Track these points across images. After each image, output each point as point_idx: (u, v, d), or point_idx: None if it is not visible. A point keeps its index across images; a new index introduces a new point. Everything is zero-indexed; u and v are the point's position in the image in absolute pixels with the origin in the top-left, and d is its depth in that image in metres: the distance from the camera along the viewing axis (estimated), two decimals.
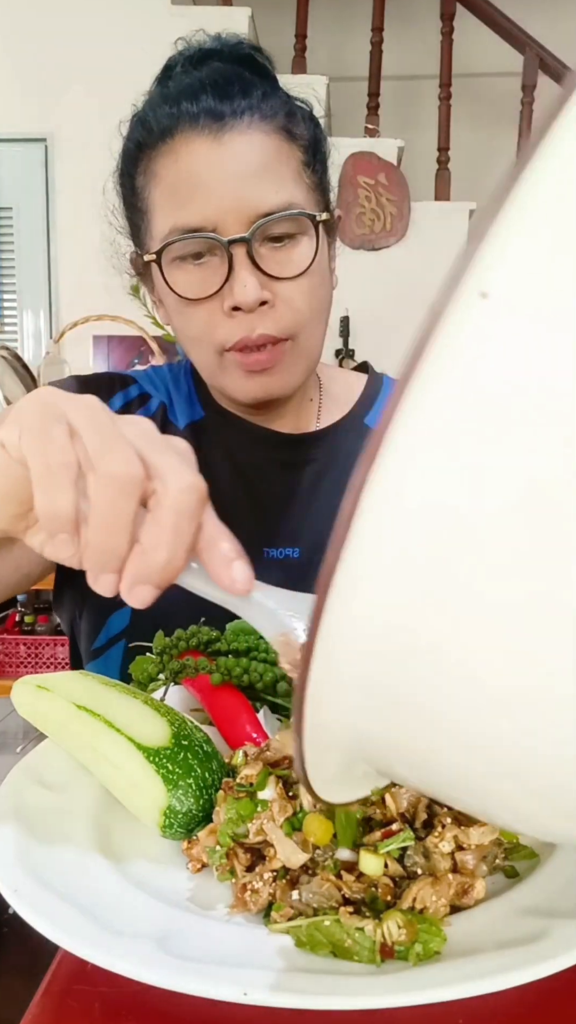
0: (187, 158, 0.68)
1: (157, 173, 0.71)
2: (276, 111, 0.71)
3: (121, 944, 0.37)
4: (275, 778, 0.45)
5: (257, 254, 0.68)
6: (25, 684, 0.55)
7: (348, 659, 0.25)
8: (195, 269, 0.70)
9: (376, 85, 3.25)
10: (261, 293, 0.68)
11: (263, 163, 0.69)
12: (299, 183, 0.71)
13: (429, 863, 0.41)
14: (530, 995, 0.35)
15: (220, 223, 0.68)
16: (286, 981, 0.35)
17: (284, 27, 3.20)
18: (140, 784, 0.48)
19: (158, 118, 0.70)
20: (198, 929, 0.40)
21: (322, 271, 0.74)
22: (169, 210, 0.70)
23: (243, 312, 0.69)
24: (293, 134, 0.72)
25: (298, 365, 0.74)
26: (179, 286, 0.70)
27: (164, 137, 0.70)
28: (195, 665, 0.60)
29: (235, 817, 0.44)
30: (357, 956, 0.37)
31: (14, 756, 1.79)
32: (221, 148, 0.68)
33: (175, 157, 0.69)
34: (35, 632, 2.17)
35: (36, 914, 0.38)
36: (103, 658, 0.80)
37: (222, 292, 0.69)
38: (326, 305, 0.76)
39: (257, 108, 0.69)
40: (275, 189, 0.69)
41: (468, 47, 3.33)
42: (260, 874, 0.42)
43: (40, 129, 3.09)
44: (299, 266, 0.70)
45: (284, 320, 0.70)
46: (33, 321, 3.21)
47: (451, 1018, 0.36)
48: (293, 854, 0.41)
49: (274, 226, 0.69)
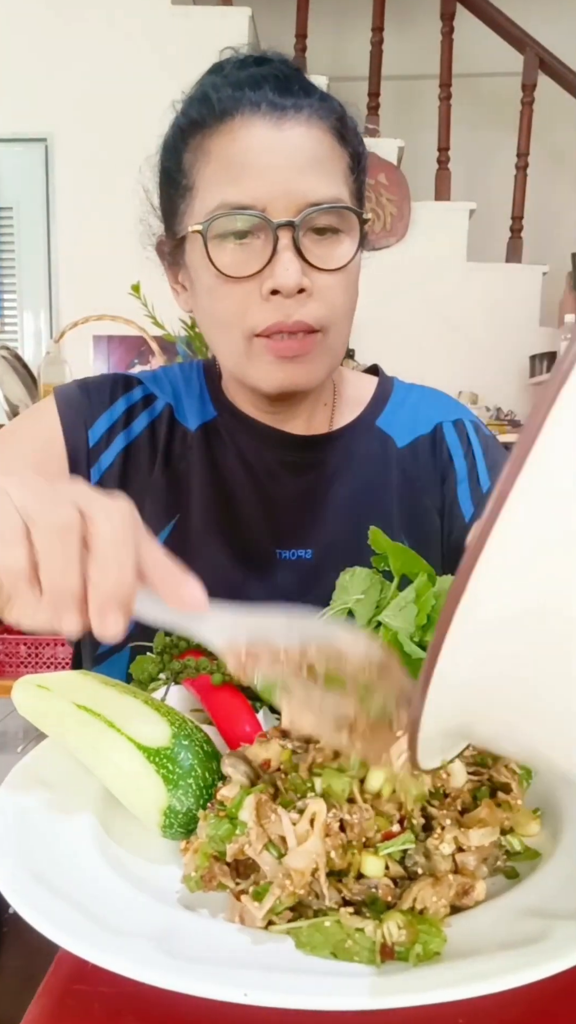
0: (245, 139, 0.69)
1: (210, 151, 0.71)
2: (332, 113, 0.73)
3: (121, 944, 0.37)
4: (254, 797, 0.44)
5: (301, 243, 0.69)
6: (26, 684, 0.55)
7: (471, 657, 0.28)
8: (237, 248, 0.70)
9: (376, 85, 3.24)
10: (301, 279, 0.69)
11: (317, 155, 0.70)
12: (346, 183, 0.73)
13: (430, 863, 0.41)
14: (530, 995, 0.35)
15: (270, 205, 0.68)
16: (286, 981, 0.35)
17: (284, 27, 3.20)
18: (140, 784, 0.48)
19: (220, 99, 0.71)
20: (198, 929, 0.40)
21: (357, 273, 0.76)
22: (220, 186, 0.70)
23: (280, 297, 0.69)
24: (344, 138, 0.74)
25: (324, 359, 0.75)
26: (220, 263, 0.70)
27: (223, 117, 0.70)
28: (196, 665, 0.60)
29: (215, 836, 0.43)
30: (357, 957, 0.37)
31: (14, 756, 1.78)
32: (280, 134, 0.69)
33: (232, 137, 0.70)
34: (35, 632, 2.17)
35: (36, 914, 0.38)
36: (108, 663, 0.80)
37: (262, 274, 0.69)
38: (354, 308, 0.77)
39: (316, 107, 0.71)
40: (326, 182, 0.70)
41: (468, 47, 3.33)
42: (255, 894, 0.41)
43: (40, 129, 3.09)
44: (340, 260, 0.71)
45: (320, 311, 0.71)
46: (33, 321, 3.21)
47: (451, 1018, 0.36)
48: (279, 871, 0.41)
49: (321, 218, 0.70)
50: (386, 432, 0.86)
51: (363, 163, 0.77)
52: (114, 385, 0.84)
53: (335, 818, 0.42)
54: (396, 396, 0.89)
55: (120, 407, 0.83)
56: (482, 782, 0.47)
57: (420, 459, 0.85)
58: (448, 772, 0.45)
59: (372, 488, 0.83)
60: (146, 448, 0.82)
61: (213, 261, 0.70)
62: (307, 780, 0.45)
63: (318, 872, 0.40)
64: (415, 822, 0.43)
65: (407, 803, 0.43)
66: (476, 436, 0.87)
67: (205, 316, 0.76)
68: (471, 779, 0.47)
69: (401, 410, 0.88)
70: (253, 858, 0.42)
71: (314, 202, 0.69)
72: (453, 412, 0.89)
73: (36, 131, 3.09)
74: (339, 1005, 0.34)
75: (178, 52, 2.87)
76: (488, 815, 0.44)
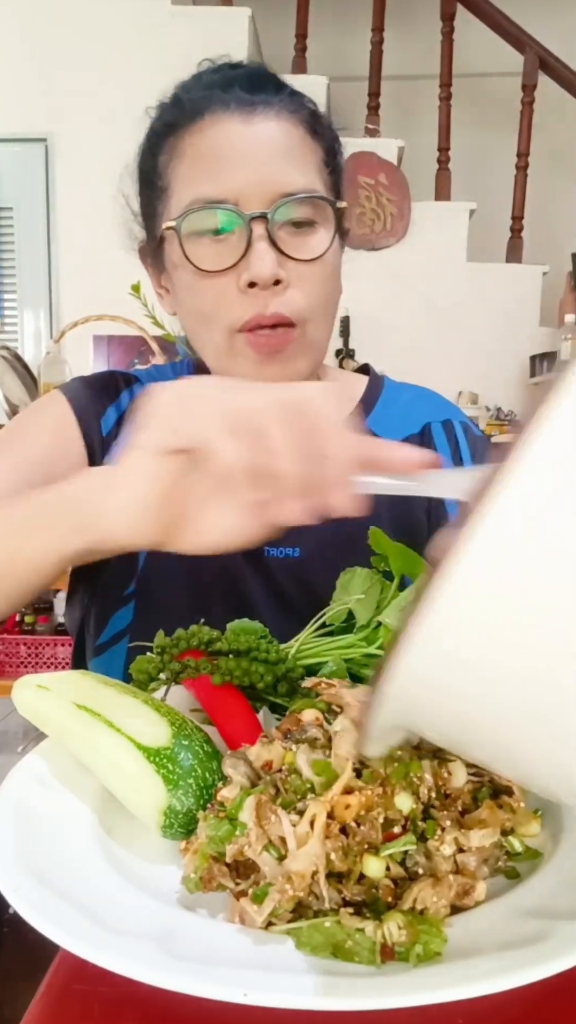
0: (215, 135, 0.70)
1: (184, 150, 0.72)
2: (302, 108, 0.73)
3: (121, 944, 0.37)
4: (255, 798, 0.43)
5: (276, 234, 0.69)
6: (25, 684, 0.55)
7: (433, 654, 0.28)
8: (213, 244, 0.70)
9: (376, 85, 3.24)
10: (277, 270, 0.69)
11: (289, 146, 0.71)
12: (320, 176, 0.73)
13: (431, 864, 0.41)
14: (530, 996, 0.35)
15: (242, 198, 0.69)
16: (286, 981, 0.35)
17: (284, 27, 3.20)
18: (140, 784, 0.48)
19: (191, 99, 0.72)
20: (198, 929, 0.40)
21: (335, 265, 0.75)
22: (192, 183, 0.70)
23: (258, 289, 0.69)
24: (317, 132, 0.74)
25: (305, 356, 0.75)
26: (196, 258, 0.70)
27: (194, 117, 0.71)
28: (196, 665, 0.60)
29: (215, 837, 0.43)
30: (357, 957, 0.37)
31: (14, 756, 1.78)
32: (250, 128, 0.70)
33: (203, 134, 0.70)
34: (35, 632, 2.17)
35: (36, 914, 0.38)
36: (107, 654, 0.80)
37: (238, 267, 0.70)
38: (335, 301, 0.77)
39: (286, 102, 0.72)
40: (298, 173, 0.70)
41: (468, 47, 3.33)
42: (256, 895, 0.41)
43: (40, 129, 3.09)
44: (315, 250, 0.71)
45: (297, 302, 0.71)
46: (33, 321, 3.21)
47: (451, 1019, 0.36)
48: (279, 873, 0.41)
49: (294, 209, 0.70)
50: (375, 432, 0.86)
51: (338, 158, 0.78)
52: (116, 379, 0.85)
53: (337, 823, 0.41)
54: (386, 395, 0.89)
55: (124, 401, 0.83)
56: (483, 783, 0.47)
57: None
58: (449, 771, 0.45)
59: None
60: None
61: (189, 257, 0.70)
62: (307, 781, 0.44)
63: (318, 875, 0.40)
64: (418, 825, 0.43)
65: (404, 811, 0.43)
66: (464, 437, 0.87)
67: (187, 315, 0.77)
68: (472, 780, 0.47)
69: (391, 410, 0.87)
70: (253, 859, 0.42)
71: (287, 193, 0.69)
72: (443, 412, 0.88)
73: (36, 131, 3.09)
74: (339, 1005, 0.34)
75: (178, 52, 2.86)
76: (489, 816, 0.44)
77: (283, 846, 0.41)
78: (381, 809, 0.42)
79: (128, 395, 0.84)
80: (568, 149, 3.64)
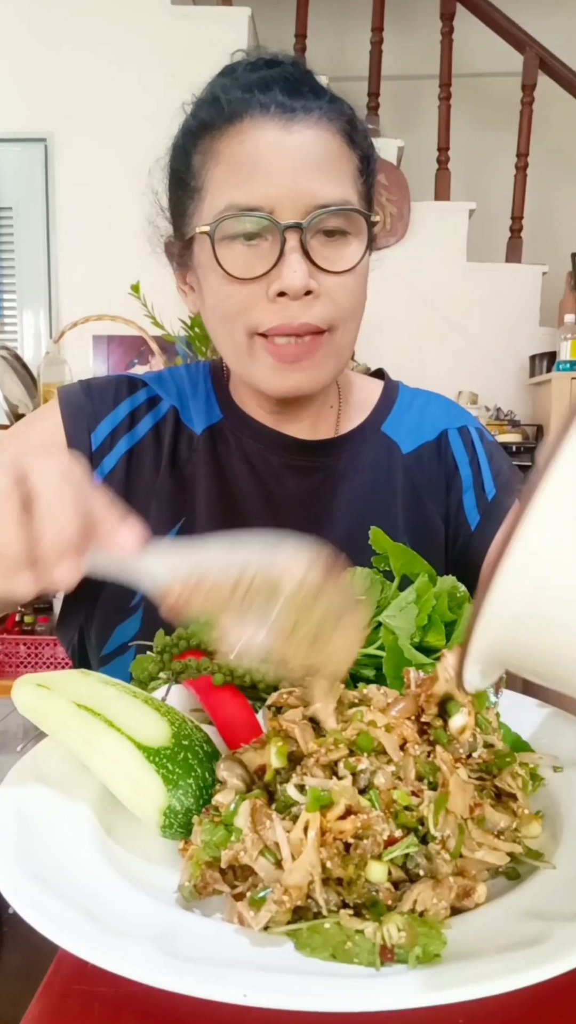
0: (254, 140, 0.69)
1: (219, 152, 0.71)
2: (341, 115, 0.72)
3: (121, 944, 0.37)
4: (249, 803, 0.43)
5: (309, 244, 0.69)
6: (26, 683, 0.55)
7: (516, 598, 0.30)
8: (245, 250, 0.70)
9: (376, 85, 3.24)
10: (308, 281, 0.69)
11: (326, 157, 0.70)
12: (355, 186, 0.73)
13: (431, 866, 0.41)
14: (530, 997, 0.35)
15: (278, 207, 0.68)
16: (286, 982, 0.35)
17: (284, 27, 3.20)
18: (140, 784, 0.48)
19: (230, 100, 0.71)
20: (198, 929, 0.40)
21: (365, 274, 0.75)
22: (228, 187, 0.70)
23: (287, 299, 0.69)
24: (354, 140, 0.73)
25: (330, 360, 0.75)
26: (227, 264, 0.70)
27: (232, 119, 0.70)
28: (196, 665, 0.60)
29: (209, 843, 0.43)
30: (357, 959, 0.37)
31: (14, 756, 1.78)
32: (289, 136, 0.69)
33: (241, 138, 0.70)
34: (35, 632, 2.16)
35: (36, 914, 0.38)
36: (114, 663, 0.79)
37: (269, 275, 0.69)
38: (362, 309, 0.77)
39: (325, 109, 0.71)
40: (335, 184, 0.70)
41: (468, 47, 3.33)
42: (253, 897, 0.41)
43: (40, 129, 3.09)
44: (348, 263, 0.71)
45: (326, 312, 0.71)
46: (33, 321, 3.21)
47: (451, 1020, 0.36)
48: (276, 878, 0.41)
49: (329, 220, 0.70)
50: (391, 438, 0.86)
51: (372, 166, 0.77)
52: (118, 387, 0.84)
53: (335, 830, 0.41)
54: (402, 401, 0.89)
55: (123, 410, 0.82)
56: (484, 787, 0.47)
57: (425, 466, 0.85)
58: None
59: (377, 493, 0.83)
60: (150, 450, 0.82)
61: (220, 262, 0.70)
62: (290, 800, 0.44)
63: (314, 884, 0.40)
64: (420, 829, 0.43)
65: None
66: (481, 443, 0.87)
67: (210, 315, 0.76)
68: (473, 782, 0.47)
69: (406, 416, 0.88)
70: (249, 864, 0.42)
71: (322, 204, 0.69)
72: (458, 419, 0.89)
73: (36, 131, 3.09)
74: (339, 1006, 0.34)
75: (178, 52, 2.87)
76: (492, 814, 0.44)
77: (279, 851, 0.41)
78: (386, 827, 0.41)
79: (129, 404, 0.83)
80: (568, 149, 3.64)
